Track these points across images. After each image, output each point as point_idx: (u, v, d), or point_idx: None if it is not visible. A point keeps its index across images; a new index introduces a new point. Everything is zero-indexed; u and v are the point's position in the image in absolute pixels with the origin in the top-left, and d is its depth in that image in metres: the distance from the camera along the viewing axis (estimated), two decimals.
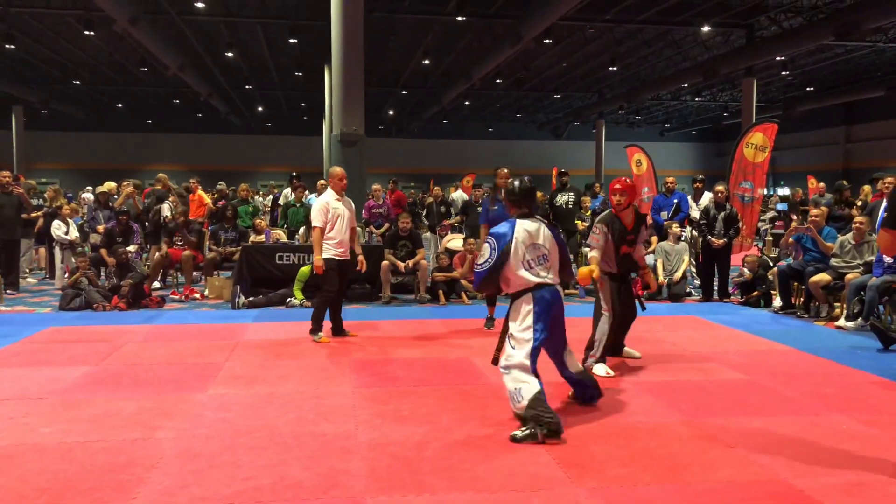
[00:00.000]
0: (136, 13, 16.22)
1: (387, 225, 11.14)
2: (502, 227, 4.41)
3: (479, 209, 7.74)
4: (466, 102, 33.61)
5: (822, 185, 16.27)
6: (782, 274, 8.70)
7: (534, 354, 4.21)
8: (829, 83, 29.04)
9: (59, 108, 33.43)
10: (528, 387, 4.13)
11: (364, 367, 5.82)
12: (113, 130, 37.69)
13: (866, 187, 11.47)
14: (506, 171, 7.55)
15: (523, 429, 4.08)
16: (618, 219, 5.68)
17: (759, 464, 3.75)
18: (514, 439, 4.04)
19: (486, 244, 4.40)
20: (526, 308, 4.27)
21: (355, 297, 9.34)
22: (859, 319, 7.37)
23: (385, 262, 9.30)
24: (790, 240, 8.92)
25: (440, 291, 9.39)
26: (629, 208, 5.71)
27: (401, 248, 9.45)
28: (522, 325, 4.26)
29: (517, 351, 4.22)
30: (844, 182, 11.51)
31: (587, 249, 5.67)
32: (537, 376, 4.20)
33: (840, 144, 33.28)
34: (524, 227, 4.39)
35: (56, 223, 10.46)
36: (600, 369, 5.59)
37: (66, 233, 10.30)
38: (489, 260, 4.35)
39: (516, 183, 4.55)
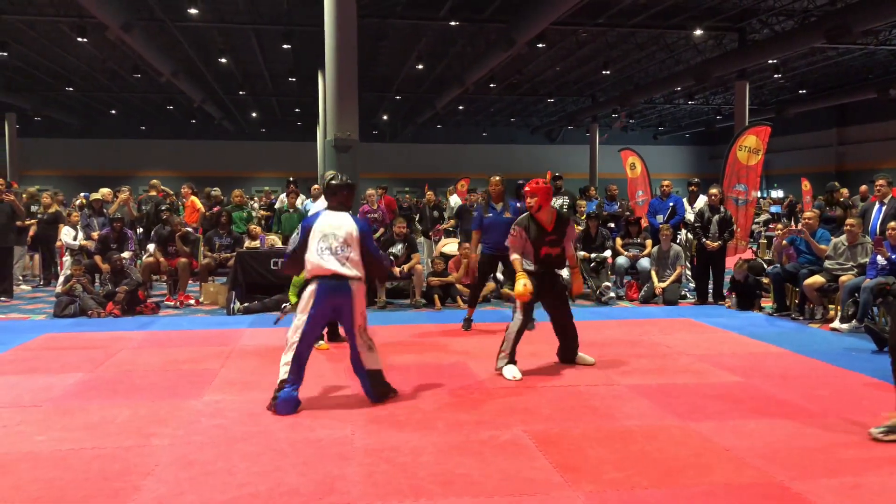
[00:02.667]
0: (129, 20, 16.20)
1: (382, 230, 11.13)
2: None
3: (474, 214, 7.78)
4: (460, 107, 33.66)
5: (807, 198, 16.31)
6: (776, 276, 8.73)
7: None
8: (822, 86, 29.17)
9: (52, 115, 33.34)
10: None
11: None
12: (106, 137, 37.61)
13: (864, 188, 11.52)
14: (498, 178, 7.66)
15: None
16: (534, 220, 5.69)
17: (755, 466, 3.76)
18: None
19: None
20: None
21: None
22: (854, 321, 7.40)
23: None
24: (783, 242, 8.95)
25: (435, 296, 9.39)
26: (544, 209, 5.69)
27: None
28: None
29: None
30: (836, 184, 11.56)
31: (516, 256, 5.72)
32: None
33: (832, 146, 33.42)
34: None
35: (66, 229, 10.46)
36: (508, 371, 5.57)
37: (75, 238, 10.27)
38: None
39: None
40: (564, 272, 8.51)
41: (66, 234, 10.40)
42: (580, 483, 3.56)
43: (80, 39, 18.29)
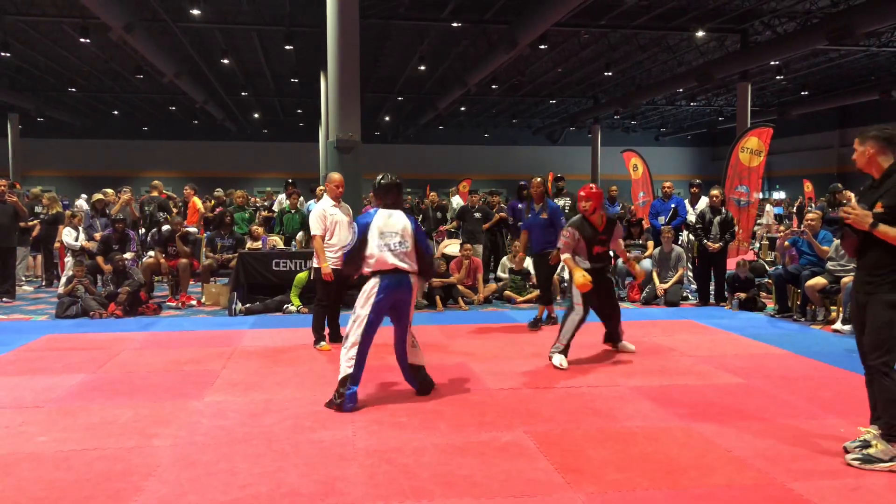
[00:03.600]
0: (131, 21, 16.23)
1: None
2: None
3: (528, 216, 8.10)
4: (462, 108, 33.67)
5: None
6: (778, 278, 8.72)
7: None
8: (824, 87, 29.15)
9: (54, 116, 33.39)
10: None
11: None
12: (109, 137, 37.66)
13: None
14: (539, 179, 8.09)
15: None
16: (587, 222, 6.23)
17: (757, 468, 3.76)
18: None
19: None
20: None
21: (353, 303, 9.31)
22: (852, 323, 7.38)
23: None
24: (786, 243, 8.95)
25: (437, 297, 9.39)
26: (597, 212, 6.24)
27: None
28: None
29: None
30: (839, 185, 11.55)
31: (568, 255, 6.21)
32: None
33: (834, 148, 33.40)
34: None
35: (67, 230, 10.47)
36: (557, 359, 6.00)
37: (76, 239, 10.30)
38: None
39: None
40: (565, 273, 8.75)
41: (67, 235, 10.42)
42: (582, 484, 3.56)
43: (82, 40, 18.32)
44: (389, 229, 4.97)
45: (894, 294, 3.69)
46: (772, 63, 21.69)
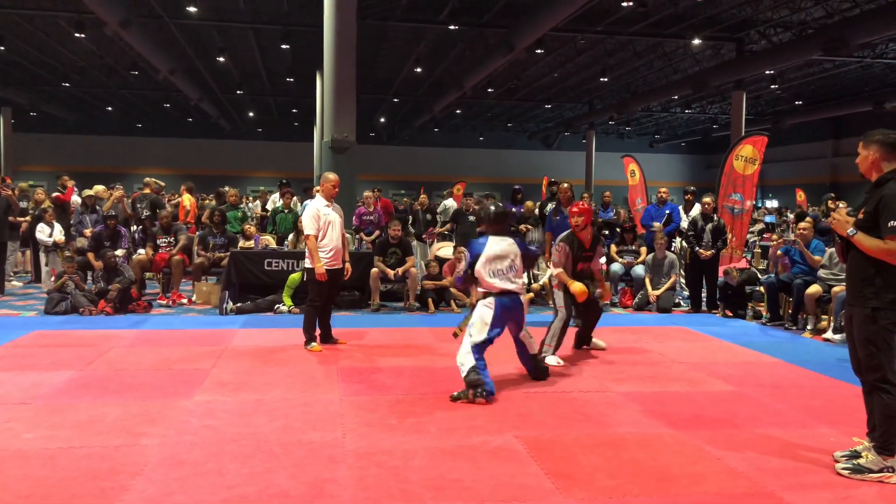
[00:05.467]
0: (127, 16, 16.14)
1: (377, 232, 11.11)
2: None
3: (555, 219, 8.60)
4: (458, 111, 33.68)
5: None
6: (770, 286, 8.74)
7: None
8: (818, 97, 29.30)
9: (47, 111, 33.21)
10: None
11: (352, 375, 5.79)
12: (102, 133, 37.48)
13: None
14: (567, 185, 8.62)
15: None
16: (577, 238, 6.43)
17: (747, 476, 3.75)
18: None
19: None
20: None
21: (344, 305, 9.30)
22: (845, 332, 7.40)
23: (374, 270, 9.27)
24: (778, 252, 8.97)
25: (429, 299, 9.37)
26: (587, 229, 6.44)
27: (390, 256, 9.42)
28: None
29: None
30: (832, 195, 11.59)
31: (560, 269, 6.45)
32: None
33: (828, 158, 33.55)
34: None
35: (40, 226, 10.38)
36: (552, 360, 6.24)
37: (50, 235, 10.21)
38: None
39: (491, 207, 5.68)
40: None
41: (41, 232, 10.36)
42: (572, 490, 3.55)
43: (77, 35, 18.22)
44: (500, 255, 5.43)
45: (870, 307, 3.65)
46: (766, 72, 21.79)
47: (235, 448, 4.04)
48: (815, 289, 8.02)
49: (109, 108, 35.21)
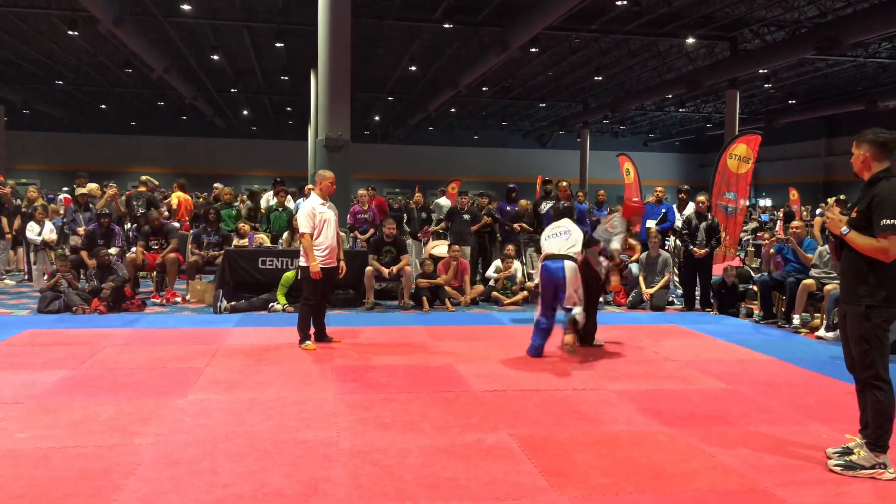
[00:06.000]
0: (121, 14, 16.10)
1: (372, 231, 11.10)
2: None
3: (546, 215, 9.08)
4: (452, 109, 33.68)
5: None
6: (763, 284, 8.77)
7: None
8: (811, 96, 29.41)
9: (41, 109, 33.11)
10: None
11: (346, 374, 5.79)
12: (96, 132, 37.40)
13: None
14: (566, 183, 9.24)
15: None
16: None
17: (740, 473, 3.77)
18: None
19: None
20: None
21: (338, 303, 9.30)
22: (838, 330, 7.43)
23: (369, 268, 9.26)
24: (771, 251, 9.00)
25: (424, 298, 9.37)
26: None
27: (385, 255, 9.42)
28: None
29: None
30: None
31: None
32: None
33: (821, 157, 33.70)
34: None
35: (30, 224, 10.35)
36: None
37: (39, 234, 10.18)
38: None
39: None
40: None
41: (30, 230, 10.36)
42: (566, 488, 3.55)
43: (70, 32, 18.16)
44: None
45: (864, 305, 3.67)
46: (760, 71, 21.87)
47: (230, 447, 4.04)
48: (810, 281, 8.04)
49: (103, 107, 35.12)
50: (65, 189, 22.25)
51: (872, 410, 3.73)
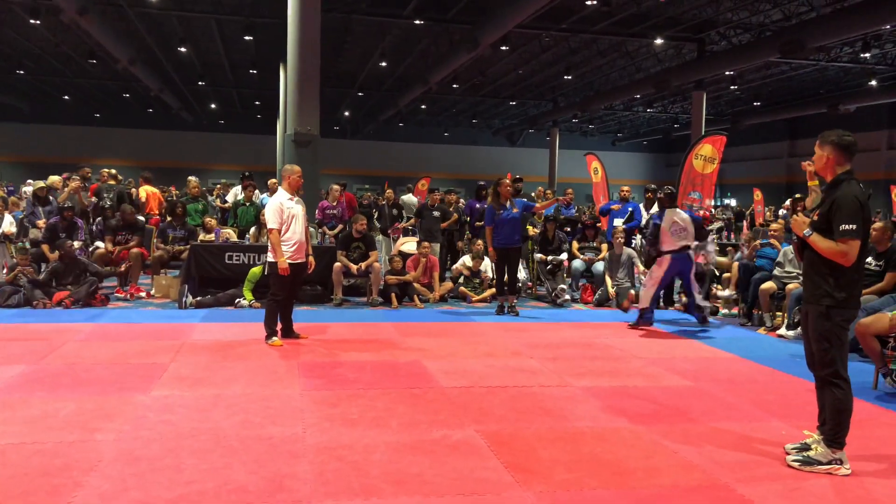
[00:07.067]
0: (85, 3, 15.77)
1: (340, 226, 11.04)
2: None
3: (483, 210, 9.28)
4: (423, 106, 33.65)
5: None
6: (744, 268, 8.87)
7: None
8: (775, 99, 29.97)
9: (1, 99, 32.27)
10: None
11: (313, 370, 5.76)
12: (58, 123, 36.58)
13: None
14: (507, 181, 8.97)
15: None
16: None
17: (702, 469, 3.83)
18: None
19: None
20: None
21: (306, 299, 9.24)
22: (799, 328, 7.58)
23: (337, 264, 9.22)
24: (756, 243, 9.16)
25: (392, 294, 9.35)
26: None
27: (354, 251, 9.38)
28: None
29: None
30: (797, 195, 11.86)
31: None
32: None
33: (784, 158, 34.35)
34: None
35: None
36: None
37: None
38: None
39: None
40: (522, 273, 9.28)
41: None
42: (531, 483, 3.58)
43: (32, 21, 17.72)
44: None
45: (825, 305, 3.76)
46: (726, 73, 22.21)
47: (193, 443, 3.99)
48: (769, 285, 8.20)
49: (66, 98, 34.39)
50: (28, 182, 21.73)
51: (831, 407, 3.82)
